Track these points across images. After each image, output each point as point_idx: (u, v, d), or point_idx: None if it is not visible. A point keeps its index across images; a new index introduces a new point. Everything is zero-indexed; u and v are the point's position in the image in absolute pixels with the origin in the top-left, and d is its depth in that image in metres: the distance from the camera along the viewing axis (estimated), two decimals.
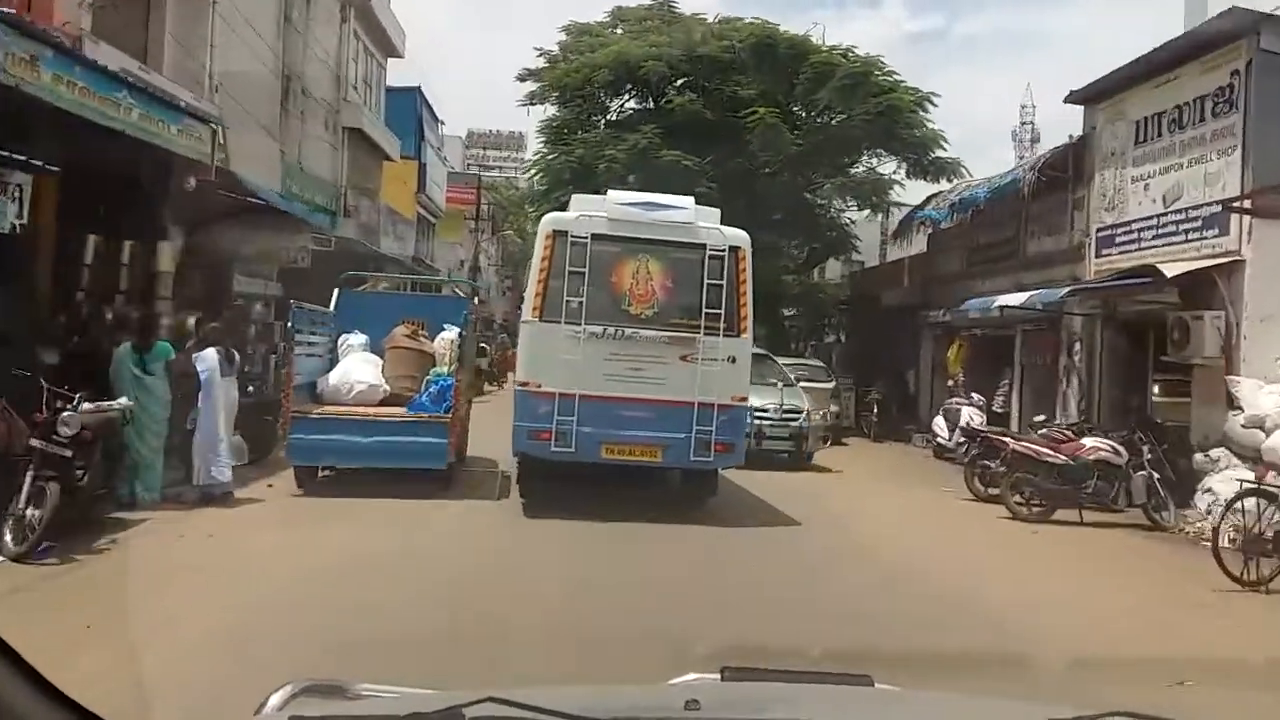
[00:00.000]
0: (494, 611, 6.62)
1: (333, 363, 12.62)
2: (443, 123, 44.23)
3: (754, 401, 14.04)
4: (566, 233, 10.74)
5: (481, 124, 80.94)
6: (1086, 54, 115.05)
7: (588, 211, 11.00)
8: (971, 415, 18.34)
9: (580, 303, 10.56)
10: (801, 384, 18.39)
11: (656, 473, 11.21)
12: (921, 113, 24.87)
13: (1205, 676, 5.72)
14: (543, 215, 14.44)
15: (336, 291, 13.42)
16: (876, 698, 2.20)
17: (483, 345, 38.92)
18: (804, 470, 16.39)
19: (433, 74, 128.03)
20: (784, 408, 16.69)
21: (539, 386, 10.64)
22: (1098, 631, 7.17)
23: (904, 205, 26.53)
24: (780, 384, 17.09)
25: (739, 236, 11.08)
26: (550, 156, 26.09)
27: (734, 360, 10.79)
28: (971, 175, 24.76)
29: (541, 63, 27.02)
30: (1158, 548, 11.21)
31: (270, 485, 11.50)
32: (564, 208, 11.73)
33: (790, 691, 2.16)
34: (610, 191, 12.15)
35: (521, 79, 27.21)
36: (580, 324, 10.56)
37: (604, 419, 10.47)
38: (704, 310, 10.67)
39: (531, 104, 26.66)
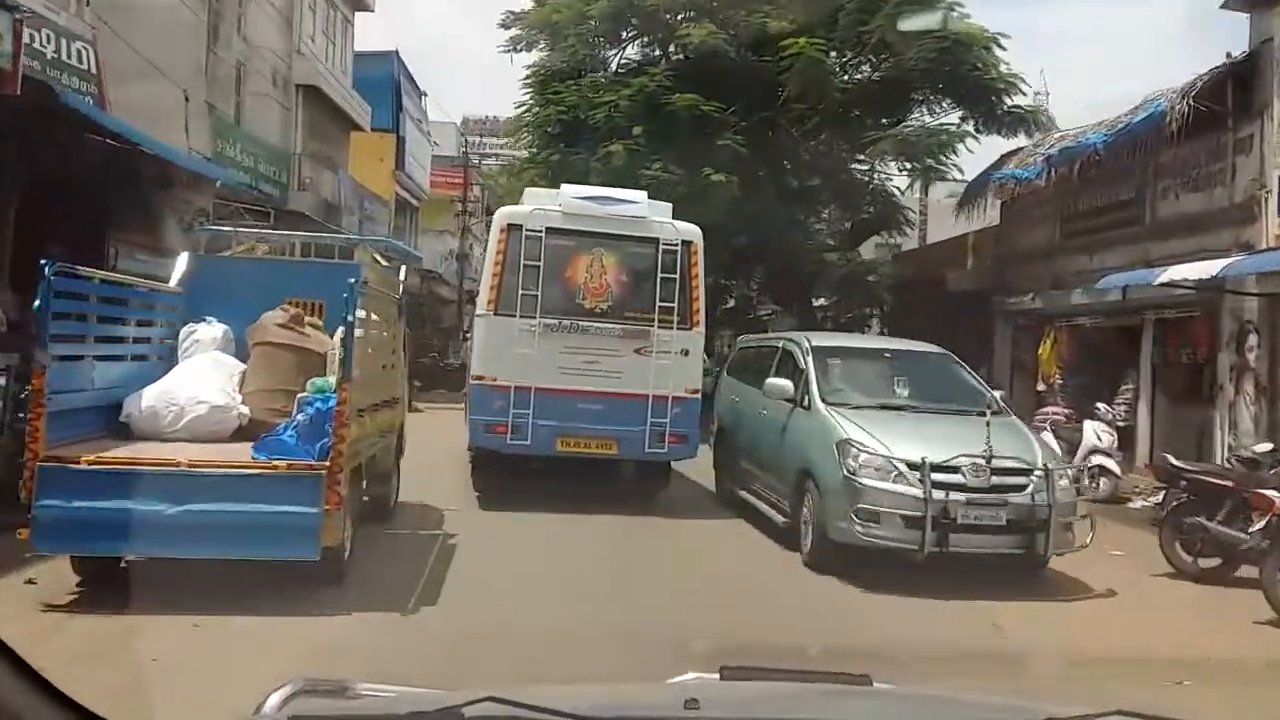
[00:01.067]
0: None
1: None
2: (425, 94, 39.02)
3: (928, 453, 8.32)
4: (520, 226, 10.85)
5: (480, 111, 76.01)
6: (1101, 43, 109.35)
7: (542, 205, 11.18)
8: (1098, 433, 13.27)
9: (535, 296, 10.66)
10: None
11: (611, 466, 11.26)
12: (988, 54, 19.39)
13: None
14: (529, 183, 14.09)
15: (184, 257, 8.31)
16: (875, 697, 2.20)
17: (468, 335, 33.95)
18: (1035, 595, 8.41)
19: (431, 63, 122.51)
20: (994, 465, 8.41)
21: (494, 380, 10.72)
22: None
23: (954, 178, 21.15)
24: (985, 411, 9.02)
25: (691, 231, 11.19)
26: (536, 109, 20.73)
27: (687, 353, 10.94)
28: (1054, 126, 19.40)
29: (529, 2, 21.72)
30: None
31: (31, 581, 6.90)
32: (515, 199, 12.44)
33: (789, 690, 2.20)
34: (564, 186, 12.17)
35: (505, 25, 22.00)
36: (535, 317, 10.63)
37: (559, 412, 10.56)
38: (657, 303, 10.81)
39: (515, 50, 21.38)
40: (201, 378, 7.48)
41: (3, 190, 10.98)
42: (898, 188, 23.23)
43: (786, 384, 9.95)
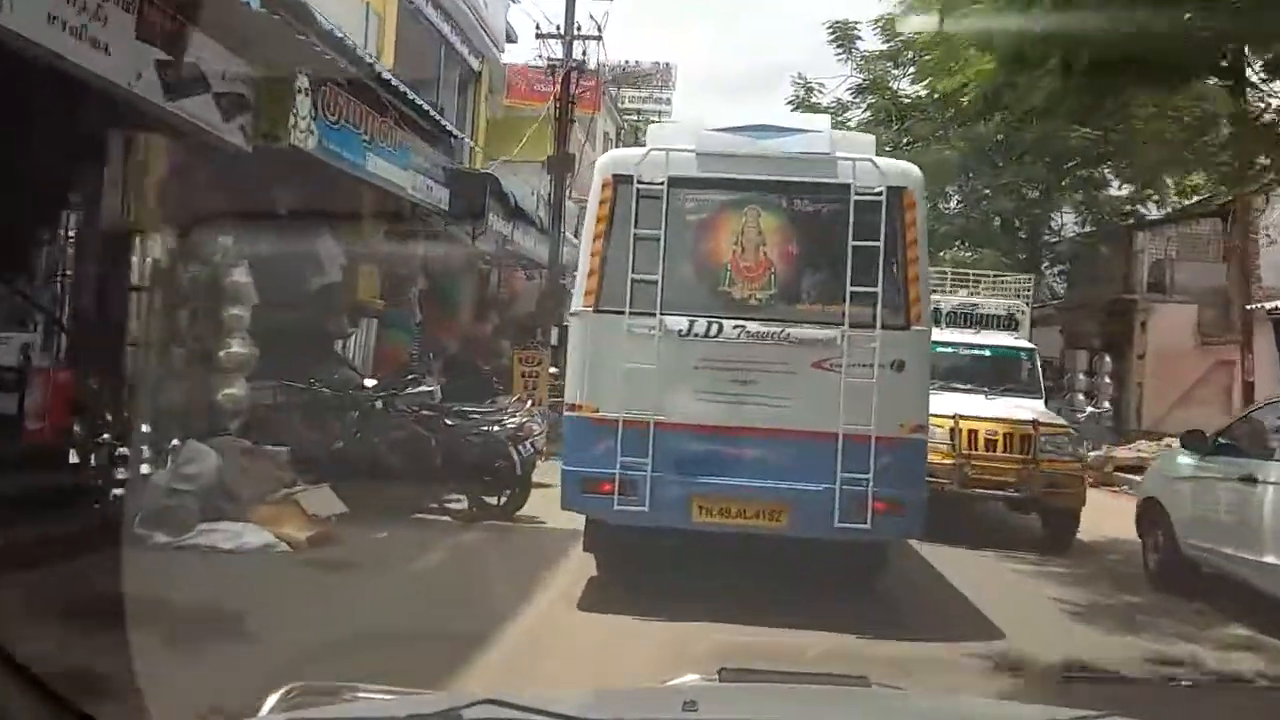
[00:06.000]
0: None
1: None
2: None
3: None
4: (631, 178, 8.19)
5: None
6: None
7: (666, 146, 8.40)
8: None
9: (654, 282, 8.06)
10: None
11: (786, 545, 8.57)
12: None
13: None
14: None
15: None
16: (874, 698, 2.35)
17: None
18: None
19: None
20: None
21: (595, 411, 8.13)
22: None
23: None
24: None
25: (904, 172, 8.54)
26: None
27: (901, 366, 7.97)
28: None
29: None
30: None
31: None
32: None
33: (788, 692, 2.32)
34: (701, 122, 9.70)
35: None
36: (655, 315, 8.01)
37: (694, 461, 8.00)
38: (849, 289, 8.02)
39: None
40: None
41: None
42: None
43: None
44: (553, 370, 18.72)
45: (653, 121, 38.59)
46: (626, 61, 64.62)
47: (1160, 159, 16.68)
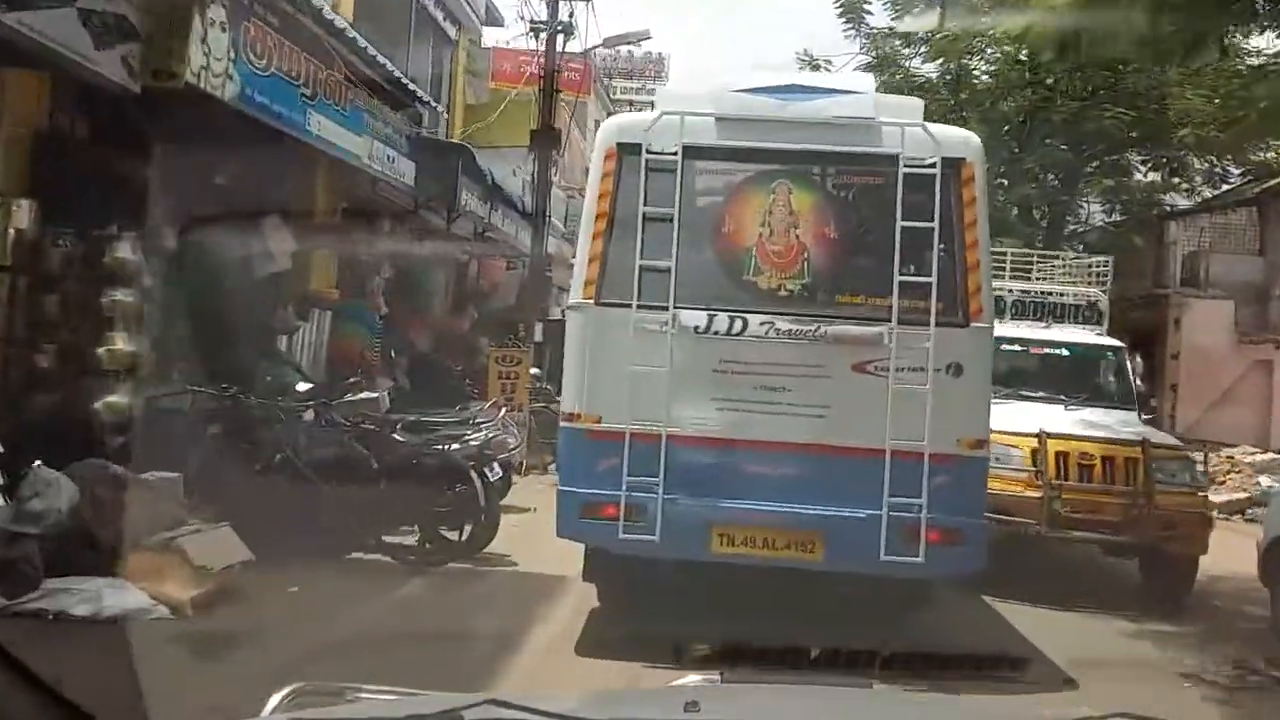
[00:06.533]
0: None
1: None
2: None
3: None
4: (640, 147, 7.22)
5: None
6: None
7: (680, 109, 7.37)
8: None
9: (667, 270, 7.17)
10: None
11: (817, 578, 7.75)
12: None
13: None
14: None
15: None
16: (876, 699, 2.36)
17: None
18: None
19: None
20: None
21: (597, 421, 7.27)
22: None
23: None
24: None
25: (963, 140, 7.57)
26: None
27: (959, 370, 6.98)
28: None
29: None
30: None
31: None
32: None
33: (790, 693, 2.33)
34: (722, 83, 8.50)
35: None
36: (667, 308, 7.12)
37: (714, 481, 7.13)
38: (897, 279, 7.04)
39: None
40: None
41: None
42: None
43: None
44: (534, 371, 17.34)
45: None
46: (617, 52, 63.86)
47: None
